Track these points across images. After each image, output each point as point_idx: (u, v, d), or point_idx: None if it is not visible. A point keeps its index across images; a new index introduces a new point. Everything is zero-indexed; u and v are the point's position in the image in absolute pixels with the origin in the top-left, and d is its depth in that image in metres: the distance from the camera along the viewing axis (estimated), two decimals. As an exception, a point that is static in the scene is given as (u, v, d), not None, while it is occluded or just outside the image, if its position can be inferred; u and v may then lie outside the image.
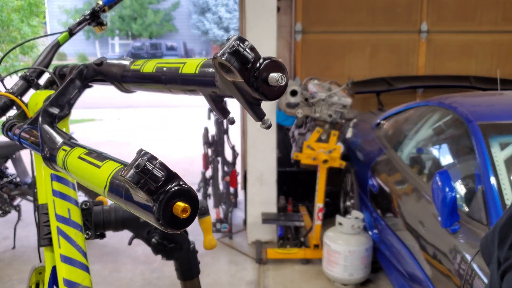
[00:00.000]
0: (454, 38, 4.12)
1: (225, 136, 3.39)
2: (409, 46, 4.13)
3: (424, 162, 2.40)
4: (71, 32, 1.14)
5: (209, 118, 3.41)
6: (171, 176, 0.43)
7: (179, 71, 0.58)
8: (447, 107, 2.32)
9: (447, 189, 1.65)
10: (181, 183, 0.44)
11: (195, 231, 1.07)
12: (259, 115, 0.45)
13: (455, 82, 3.97)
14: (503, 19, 4.09)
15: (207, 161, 3.40)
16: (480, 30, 4.11)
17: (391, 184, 2.47)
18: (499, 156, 1.82)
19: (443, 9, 4.07)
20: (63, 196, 0.89)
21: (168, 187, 0.43)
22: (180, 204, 0.43)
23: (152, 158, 0.44)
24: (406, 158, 2.50)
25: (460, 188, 1.94)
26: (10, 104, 1.00)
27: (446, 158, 2.30)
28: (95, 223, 0.99)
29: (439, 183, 1.68)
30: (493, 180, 1.72)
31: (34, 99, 0.96)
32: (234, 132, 3.54)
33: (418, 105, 2.79)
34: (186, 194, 0.44)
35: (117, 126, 8.50)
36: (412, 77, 4.11)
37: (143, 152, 0.44)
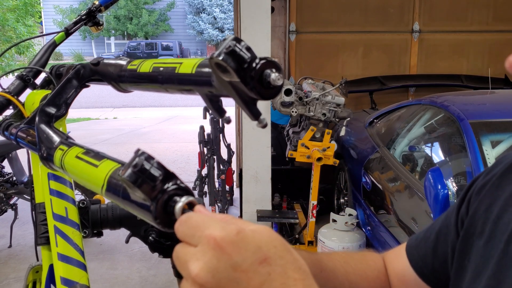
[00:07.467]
0: (445, 37, 4.15)
1: (221, 135, 3.40)
2: (401, 46, 4.16)
3: (416, 160, 2.43)
4: (67, 32, 1.13)
5: (204, 117, 3.42)
6: (168, 175, 0.44)
7: (176, 71, 0.59)
8: (439, 105, 2.35)
9: (439, 187, 1.67)
10: (178, 182, 0.45)
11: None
12: (255, 114, 0.45)
13: (447, 81, 4.01)
14: (494, 19, 4.14)
15: (203, 160, 3.40)
16: (471, 29, 4.15)
17: (384, 181, 2.49)
18: (490, 153, 1.84)
19: (434, 9, 4.11)
20: (60, 195, 0.89)
21: (166, 186, 0.44)
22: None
23: (149, 158, 0.44)
24: (398, 156, 2.52)
25: (452, 186, 1.97)
26: (6, 103, 0.99)
27: (438, 156, 2.33)
28: (93, 221, 0.99)
29: (432, 181, 1.70)
30: (484, 177, 1.74)
31: (31, 98, 0.95)
32: (230, 131, 3.55)
33: (410, 104, 2.82)
34: (183, 193, 0.44)
35: (113, 125, 8.47)
36: (404, 76, 4.14)
37: (140, 151, 0.44)
